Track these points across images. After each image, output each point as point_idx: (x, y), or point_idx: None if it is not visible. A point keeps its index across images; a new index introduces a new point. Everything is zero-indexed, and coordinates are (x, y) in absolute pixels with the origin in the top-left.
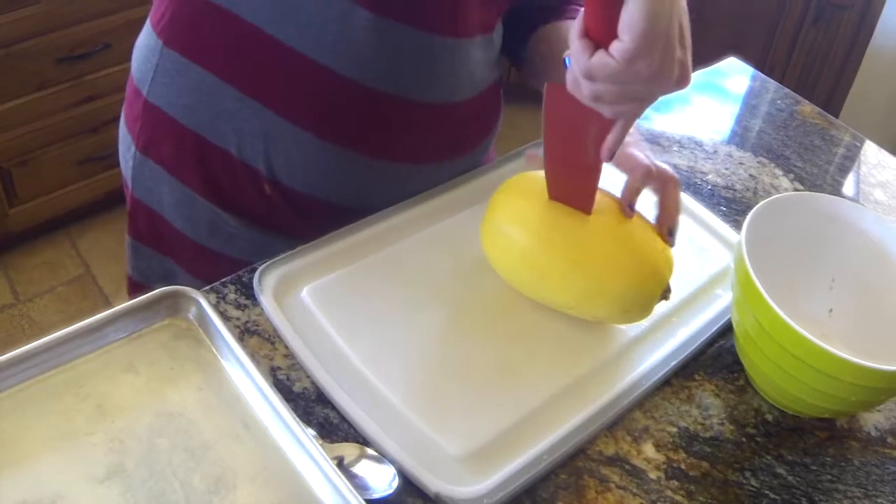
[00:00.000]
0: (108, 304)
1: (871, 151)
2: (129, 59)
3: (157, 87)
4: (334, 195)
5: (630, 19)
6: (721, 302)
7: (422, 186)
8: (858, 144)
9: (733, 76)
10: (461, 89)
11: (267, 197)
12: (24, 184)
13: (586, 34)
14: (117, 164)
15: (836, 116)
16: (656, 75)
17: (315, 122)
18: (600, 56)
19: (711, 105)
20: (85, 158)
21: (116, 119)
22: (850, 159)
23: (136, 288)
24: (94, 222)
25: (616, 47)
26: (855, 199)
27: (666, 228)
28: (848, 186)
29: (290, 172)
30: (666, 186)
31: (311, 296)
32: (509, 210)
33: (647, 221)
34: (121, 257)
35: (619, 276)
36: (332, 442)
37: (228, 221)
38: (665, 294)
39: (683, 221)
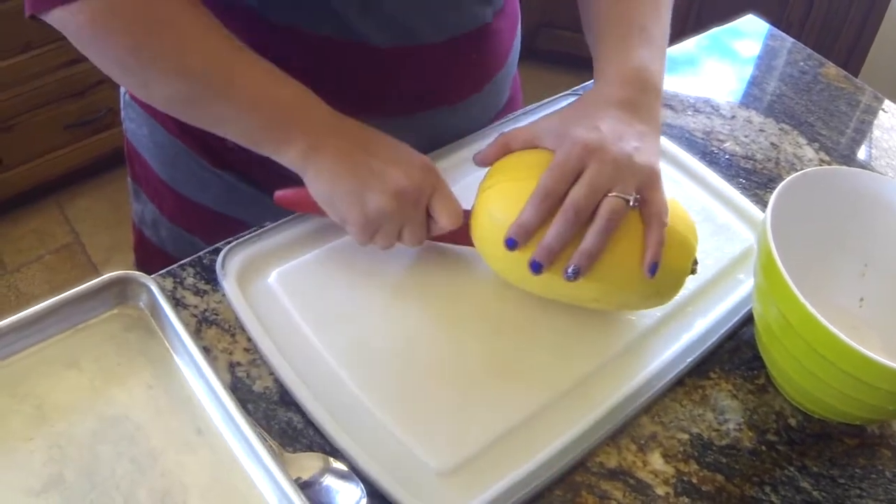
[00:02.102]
0: (97, 274)
1: None
2: None
3: None
4: None
5: None
6: (744, 288)
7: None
8: (887, 111)
9: (751, 35)
10: (444, 24)
11: (231, 147)
12: (10, 150)
13: None
14: (106, 128)
15: (856, 76)
16: (358, 225)
17: None
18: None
19: (728, 65)
20: (72, 123)
21: (104, 81)
22: (880, 128)
23: (136, 231)
24: (84, 189)
25: None
26: (885, 173)
27: (530, 260)
28: (878, 158)
29: None
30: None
31: (279, 281)
32: (508, 197)
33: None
34: (110, 225)
35: None
36: (295, 451)
37: (201, 164)
38: (694, 266)
39: (702, 196)
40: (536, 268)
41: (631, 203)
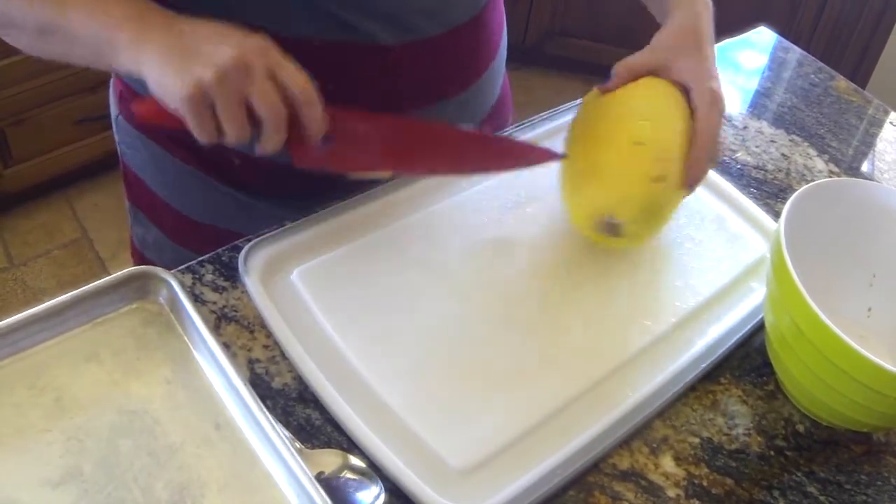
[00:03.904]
0: (105, 269)
1: None
2: None
3: None
4: None
5: None
6: (756, 297)
7: None
8: (895, 124)
9: (763, 47)
10: (435, 18)
11: (239, 166)
12: (20, 144)
13: None
14: None
15: (863, 89)
16: (185, 100)
17: None
18: None
19: (740, 77)
20: (83, 118)
21: None
22: (889, 141)
23: (137, 253)
24: (93, 184)
25: None
26: (893, 186)
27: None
28: (886, 171)
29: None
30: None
31: (301, 279)
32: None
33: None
34: (119, 221)
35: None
36: (313, 447)
37: (210, 184)
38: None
39: (716, 205)
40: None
41: None
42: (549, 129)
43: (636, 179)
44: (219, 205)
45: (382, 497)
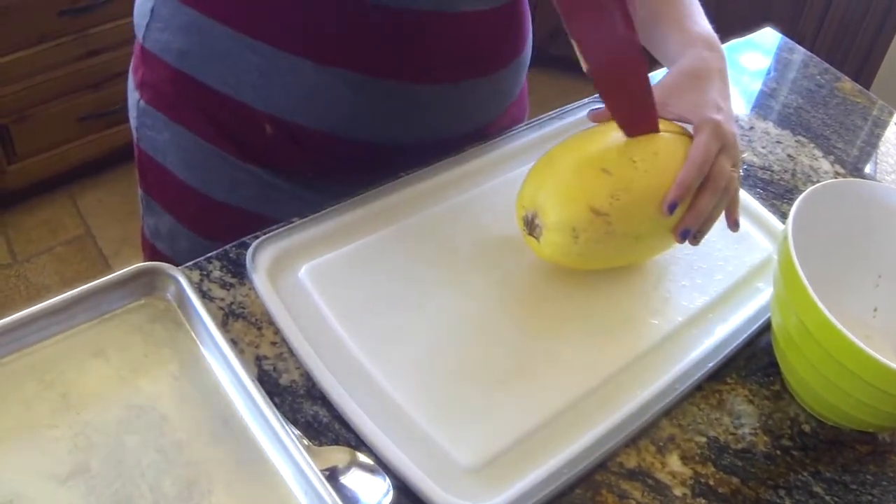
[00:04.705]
0: (108, 266)
1: None
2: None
3: (152, 32)
4: (341, 126)
5: None
6: (762, 297)
7: (437, 111)
8: None
9: (769, 48)
10: None
11: (270, 137)
12: (24, 140)
13: None
14: (120, 121)
15: (867, 90)
16: None
17: (311, 46)
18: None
19: (746, 78)
20: (87, 115)
21: (120, 74)
22: (893, 143)
23: (147, 245)
24: (97, 181)
25: None
26: None
27: (681, 228)
28: (891, 172)
29: (291, 106)
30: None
31: (309, 275)
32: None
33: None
34: (122, 218)
35: None
36: (321, 444)
37: (234, 163)
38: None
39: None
40: (686, 235)
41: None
42: (558, 128)
43: (576, 198)
44: (241, 184)
45: (390, 494)
